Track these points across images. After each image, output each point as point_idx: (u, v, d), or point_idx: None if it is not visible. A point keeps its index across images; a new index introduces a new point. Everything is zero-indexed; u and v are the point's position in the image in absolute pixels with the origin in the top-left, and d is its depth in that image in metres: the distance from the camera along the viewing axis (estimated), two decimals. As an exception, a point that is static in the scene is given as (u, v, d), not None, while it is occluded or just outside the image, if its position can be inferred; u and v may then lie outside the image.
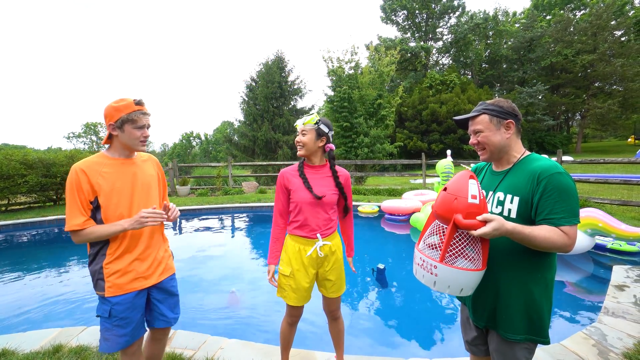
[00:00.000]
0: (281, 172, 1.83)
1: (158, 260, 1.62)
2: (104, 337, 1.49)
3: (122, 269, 1.47)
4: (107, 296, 1.45)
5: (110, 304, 1.46)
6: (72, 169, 1.41)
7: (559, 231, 1.11)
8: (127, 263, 1.49)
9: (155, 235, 1.62)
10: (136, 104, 1.48)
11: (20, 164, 7.89)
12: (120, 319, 1.47)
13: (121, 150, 1.54)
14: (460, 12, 37.13)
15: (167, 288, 1.65)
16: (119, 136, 1.48)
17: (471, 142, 1.34)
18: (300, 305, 1.84)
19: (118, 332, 1.48)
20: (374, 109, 14.35)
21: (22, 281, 4.15)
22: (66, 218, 1.42)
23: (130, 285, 1.49)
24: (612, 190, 9.30)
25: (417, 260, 1.19)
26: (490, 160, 1.35)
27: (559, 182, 1.13)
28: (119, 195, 1.47)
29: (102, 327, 1.50)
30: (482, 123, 1.28)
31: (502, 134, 1.27)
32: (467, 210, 1.07)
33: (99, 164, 1.47)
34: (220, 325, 2.96)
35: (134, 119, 1.46)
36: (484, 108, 1.29)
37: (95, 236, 1.42)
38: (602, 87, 29.49)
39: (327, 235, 1.80)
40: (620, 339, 2.35)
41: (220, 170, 11.68)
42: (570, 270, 4.12)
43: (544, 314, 1.21)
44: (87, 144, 56.57)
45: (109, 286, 1.45)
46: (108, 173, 1.46)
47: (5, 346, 2.31)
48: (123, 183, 1.49)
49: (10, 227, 6.90)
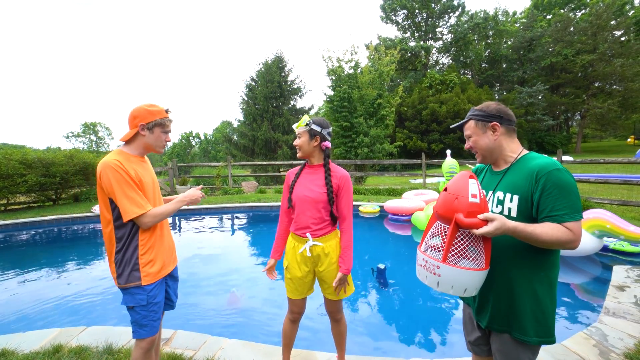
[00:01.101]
0: (287, 172, 1.93)
1: (173, 248, 1.80)
2: (140, 325, 1.57)
3: (154, 259, 1.59)
4: (144, 285, 1.55)
5: (146, 292, 1.56)
6: (107, 164, 1.46)
7: (562, 228, 1.10)
8: (157, 252, 1.61)
9: (166, 226, 1.77)
10: (166, 112, 1.64)
11: (19, 164, 7.87)
12: (155, 304, 1.59)
13: (141, 149, 1.64)
14: (460, 12, 37.10)
15: (175, 274, 1.83)
16: (146, 137, 1.60)
17: (466, 147, 1.39)
18: (295, 297, 1.88)
19: (154, 317, 1.59)
20: (374, 109, 14.32)
21: (21, 281, 4.14)
22: (126, 210, 1.45)
23: (160, 273, 1.62)
24: (612, 190, 9.31)
25: (420, 262, 1.19)
26: (485, 162, 1.38)
27: (558, 178, 1.13)
28: (148, 190, 1.60)
29: (136, 316, 1.57)
30: (470, 128, 1.34)
31: (489, 137, 1.30)
32: (468, 210, 1.08)
33: (127, 159, 1.55)
34: (220, 325, 2.96)
35: (164, 124, 1.62)
36: (470, 114, 1.35)
37: (164, 215, 1.57)
38: (602, 87, 29.52)
39: (319, 236, 1.79)
40: (621, 339, 2.35)
41: (220, 170, 11.67)
42: (570, 271, 4.12)
43: (548, 314, 1.21)
44: (86, 143, 56.58)
45: (144, 275, 1.55)
46: (136, 169, 1.55)
47: (5, 346, 2.30)
48: (148, 179, 1.62)
49: (9, 226, 6.88)
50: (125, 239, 1.54)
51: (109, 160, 1.48)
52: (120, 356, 2.18)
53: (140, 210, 1.48)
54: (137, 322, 1.57)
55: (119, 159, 1.50)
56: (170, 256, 1.74)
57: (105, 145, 56.68)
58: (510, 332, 1.24)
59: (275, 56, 22.99)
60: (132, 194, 1.47)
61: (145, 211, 1.49)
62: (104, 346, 2.29)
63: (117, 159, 1.49)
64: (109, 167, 1.46)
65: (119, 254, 1.54)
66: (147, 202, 1.53)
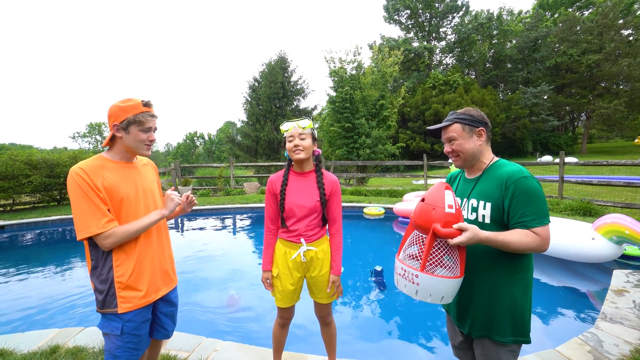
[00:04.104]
0: (269, 179, 1.85)
1: (167, 268, 1.55)
2: (114, 355, 1.36)
3: (134, 281, 1.36)
4: (120, 312, 1.33)
5: (122, 320, 1.34)
6: (70, 172, 1.29)
7: (531, 233, 1.16)
8: (140, 274, 1.38)
9: (164, 242, 1.56)
10: (144, 105, 1.38)
11: (24, 165, 8.01)
12: (133, 336, 1.37)
13: (123, 154, 1.43)
14: (464, 12, 36.93)
15: (171, 299, 1.59)
16: (123, 138, 1.38)
17: (445, 150, 1.38)
18: (285, 306, 1.87)
19: (129, 348, 1.37)
20: (376, 110, 14.32)
21: (24, 280, 4.20)
22: (79, 227, 1.25)
23: (145, 298, 1.40)
24: (617, 193, 9.21)
25: (399, 271, 1.22)
26: (464, 166, 1.40)
27: (526, 185, 1.18)
28: (127, 202, 1.37)
29: (110, 344, 1.36)
30: (456, 131, 1.33)
31: (474, 141, 1.32)
32: (445, 220, 1.12)
33: (100, 167, 1.34)
34: (217, 326, 2.98)
35: (140, 121, 1.36)
36: (455, 117, 1.34)
37: (132, 233, 1.32)
38: (609, 87, 29.20)
39: (313, 241, 1.79)
40: (616, 345, 2.33)
41: (222, 171, 11.73)
42: (570, 274, 4.08)
43: (525, 314, 1.25)
44: (91, 143, 57.29)
45: (121, 301, 1.33)
46: (110, 177, 1.34)
47: (4, 346, 2.34)
48: (129, 188, 1.39)
49: (14, 226, 6.99)
50: (99, 257, 1.33)
51: (73, 167, 1.29)
52: (116, 357, 2.21)
53: (95, 229, 1.24)
54: (109, 351, 1.36)
55: (86, 167, 1.30)
56: (162, 277, 1.49)
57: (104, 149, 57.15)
58: (490, 335, 1.27)
59: (279, 57, 23.03)
60: (89, 208, 1.25)
61: (102, 231, 1.25)
62: (100, 347, 2.32)
63: (82, 167, 1.29)
64: (70, 175, 1.28)
65: (93, 273, 1.34)
66: (109, 218, 1.28)
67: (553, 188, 9.29)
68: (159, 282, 1.48)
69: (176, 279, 1.65)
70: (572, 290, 3.70)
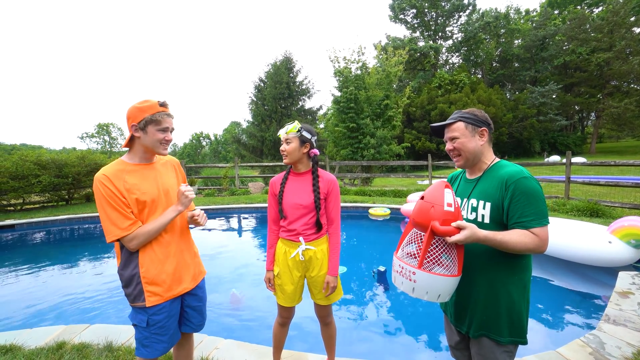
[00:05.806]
0: (271, 180, 1.92)
1: (192, 262, 1.61)
2: (142, 344, 1.46)
3: (158, 276, 1.43)
4: (148, 306, 1.41)
5: (147, 314, 1.42)
6: (95, 178, 1.36)
7: (530, 234, 1.16)
8: (163, 269, 1.45)
9: (185, 236, 1.60)
10: (160, 105, 1.43)
11: (34, 165, 8.18)
12: (159, 328, 1.44)
13: (142, 154, 1.48)
14: (471, 11, 36.59)
15: (198, 293, 1.64)
16: (141, 138, 1.43)
17: (447, 148, 1.38)
18: (286, 305, 1.89)
19: (157, 339, 1.45)
20: (381, 110, 14.26)
21: (34, 278, 4.30)
22: (106, 231, 1.34)
23: (169, 292, 1.46)
24: (625, 193, 9.06)
25: (396, 268, 1.22)
26: (465, 166, 1.40)
27: (526, 186, 1.18)
28: (150, 203, 1.44)
29: (138, 335, 1.46)
30: (459, 130, 1.33)
31: (476, 141, 1.32)
32: (443, 218, 1.12)
33: (121, 171, 1.41)
34: (220, 324, 3.02)
35: (157, 120, 1.41)
36: (459, 116, 1.34)
37: (153, 232, 1.40)
38: (619, 85, 28.68)
39: (312, 240, 1.82)
40: (619, 348, 2.30)
41: (227, 171, 11.82)
42: (574, 276, 4.03)
43: (522, 315, 1.25)
44: (100, 143, 58.02)
45: (148, 295, 1.41)
46: (132, 180, 1.41)
47: (13, 342, 2.41)
48: (150, 189, 1.45)
49: (24, 225, 7.15)
50: (126, 255, 1.43)
51: (97, 174, 1.37)
52: (120, 354, 2.26)
53: (120, 232, 1.34)
54: (139, 340, 1.47)
55: (109, 172, 1.37)
56: (187, 272, 1.56)
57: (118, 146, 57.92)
58: (488, 335, 1.27)
59: (284, 57, 23.09)
60: (113, 213, 1.34)
61: (126, 233, 1.34)
62: (104, 344, 2.37)
63: (105, 173, 1.36)
64: (95, 181, 1.36)
65: (122, 270, 1.44)
66: (133, 221, 1.37)
67: (560, 188, 9.17)
68: (184, 276, 1.54)
69: (204, 271, 1.72)
70: (575, 291, 3.66)
